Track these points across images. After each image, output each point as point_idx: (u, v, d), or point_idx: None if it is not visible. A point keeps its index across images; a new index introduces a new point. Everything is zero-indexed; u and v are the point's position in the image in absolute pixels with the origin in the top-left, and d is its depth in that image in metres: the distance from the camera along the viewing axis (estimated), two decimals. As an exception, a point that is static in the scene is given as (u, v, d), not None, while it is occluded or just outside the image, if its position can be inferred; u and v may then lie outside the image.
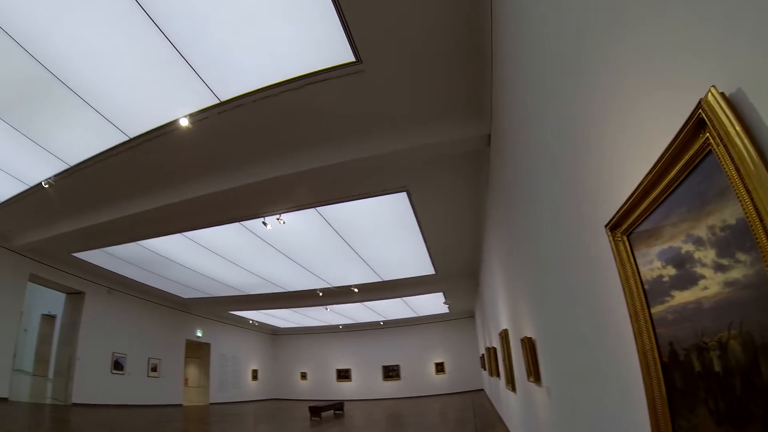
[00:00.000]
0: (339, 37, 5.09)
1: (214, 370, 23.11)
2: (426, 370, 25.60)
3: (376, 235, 11.44)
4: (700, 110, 0.99)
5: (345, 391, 26.19)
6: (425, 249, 12.29)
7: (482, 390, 22.36)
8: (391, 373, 26.24)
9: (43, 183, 9.18)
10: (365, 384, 26.41)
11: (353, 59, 5.39)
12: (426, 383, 25.19)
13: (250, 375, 26.06)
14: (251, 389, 25.97)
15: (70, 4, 5.06)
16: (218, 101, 6.37)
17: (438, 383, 24.96)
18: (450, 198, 9.25)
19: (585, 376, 2.61)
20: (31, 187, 9.68)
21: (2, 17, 5.38)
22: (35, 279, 14.96)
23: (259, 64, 5.68)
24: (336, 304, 18.43)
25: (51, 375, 18.23)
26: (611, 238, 1.68)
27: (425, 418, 15.11)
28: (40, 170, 8.93)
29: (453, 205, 9.58)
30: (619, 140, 1.62)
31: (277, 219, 9.75)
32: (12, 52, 5.89)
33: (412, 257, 13.13)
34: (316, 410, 16.21)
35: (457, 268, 14.42)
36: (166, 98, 6.49)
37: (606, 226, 1.72)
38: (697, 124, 1.02)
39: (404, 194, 9.02)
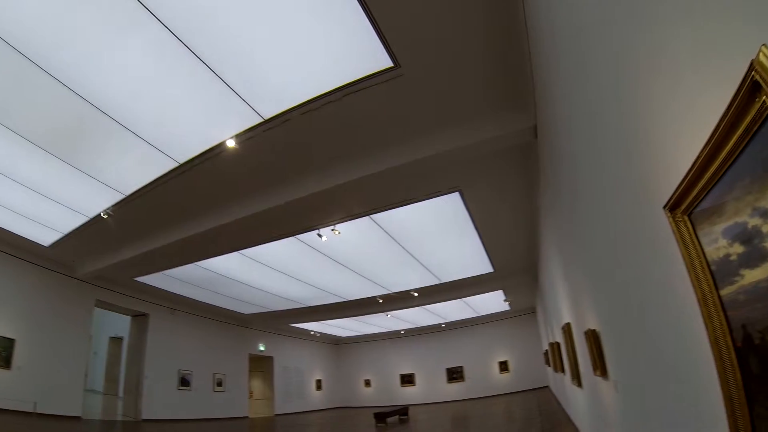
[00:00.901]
0: (374, 44, 5.13)
1: (278, 382, 23.75)
2: (490, 370, 25.26)
3: (432, 238, 11.39)
4: (753, 72, 0.93)
5: (409, 395, 26.22)
6: (482, 247, 12.14)
7: (547, 387, 22.03)
8: (454, 375, 26.05)
9: (102, 214, 9.74)
10: (429, 387, 26.35)
11: (391, 64, 5.42)
12: (490, 383, 24.86)
13: (314, 385, 26.57)
14: (316, 399, 26.46)
15: (108, 42, 5.37)
16: (262, 119, 6.53)
17: (502, 382, 24.57)
18: (503, 194, 9.14)
19: (653, 366, 2.52)
20: (91, 219, 10.29)
21: (47, 61, 5.78)
22: (101, 304, 15.94)
23: (298, 80, 5.80)
24: (396, 309, 18.51)
25: (121, 393, 19.60)
26: (671, 219, 1.61)
27: (490, 419, 15.07)
28: (98, 202, 9.49)
29: (506, 200, 9.46)
30: (671, 116, 1.55)
31: (332, 230, 9.87)
32: (59, 93, 6.32)
33: (469, 257, 13.01)
34: (381, 416, 16.38)
35: (515, 263, 14.18)
36: (211, 122, 6.74)
37: (664, 207, 1.64)
38: (752, 87, 0.96)
39: (457, 194, 8.96)
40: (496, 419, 14.87)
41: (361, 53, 5.32)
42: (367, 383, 28.36)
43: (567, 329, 7.31)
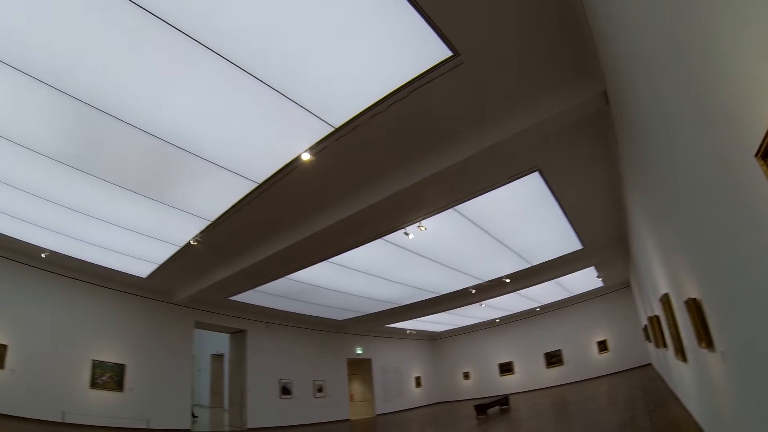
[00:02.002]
0: (430, 37, 5.07)
1: (377, 382, 24.21)
2: (589, 351, 24.26)
3: (517, 222, 11.20)
4: None
5: (509, 384, 25.86)
6: (568, 224, 11.74)
7: (650, 365, 21.05)
8: (553, 359, 25.31)
9: (191, 241, 10.28)
10: (528, 374, 25.86)
11: (450, 54, 5.34)
12: (590, 365, 23.94)
13: (413, 383, 26.78)
14: (416, 396, 26.69)
15: (172, 81, 5.70)
16: (333, 128, 6.57)
17: (602, 363, 23.54)
18: (582, 167, 8.83)
19: (763, 330, 2.35)
20: (182, 247, 10.91)
21: (120, 110, 6.25)
22: (200, 325, 17.14)
23: (361, 85, 5.81)
24: (490, 298, 18.26)
25: (226, 406, 21.05)
26: (764, 167, 1.56)
27: (593, 402, 14.75)
28: (187, 230, 10.06)
29: (586, 173, 9.14)
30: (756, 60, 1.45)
31: (418, 226, 9.89)
32: (136, 137, 6.81)
33: (556, 236, 12.65)
34: (481, 408, 16.54)
35: (604, 237, 13.60)
36: (283, 138, 6.89)
37: (756, 155, 1.59)
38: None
39: (536, 174, 8.73)
40: (599, 402, 14.55)
41: (418, 49, 5.27)
42: (466, 376, 28.20)
43: (665, 300, 7.02)
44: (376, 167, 7.72)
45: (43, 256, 12.84)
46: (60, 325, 13.74)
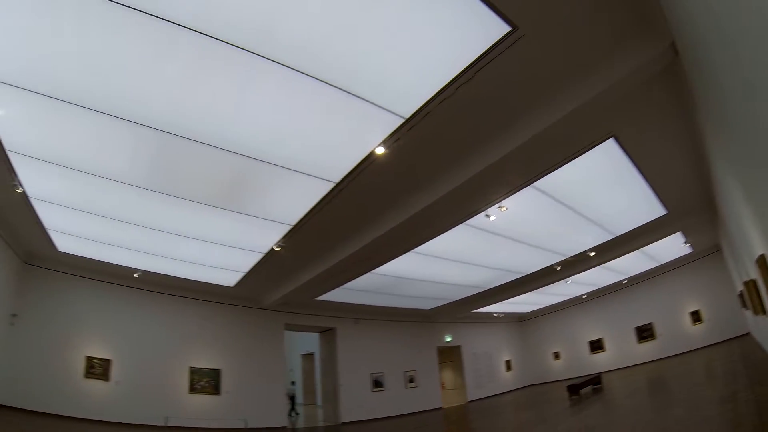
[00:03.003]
0: (486, 15, 4.92)
1: (468, 369, 24.07)
2: (681, 323, 22.69)
3: (597, 192, 10.78)
4: None
5: (600, 362, 24.89)
6: (650, 189, 11.08)
7: (748, 334, 19.52)
8: (644, 333, 23.97)
9: (274, 247, 10.58)
10: (620, 351, 24.70)
11: (508, 29, 5.15)
12: (683, 338, 22.40)
13: (503, 366, 26.44)
14: (507, 380, 26.33)
15: (240, 96, 5.92)
16: (403, 119, 6.50)
17: (697, 335, 21.95)
18: (658, 126, 8.30)
19: None
20: (266, 254, 11.29)
21: (194, 132, 6.60)
22: (290, 327, 17.87)
23: (425, 72, 5.74)
24: (575, 274, 17.72)
25: (319, 402, 21.90)
26: None
27: (690, 378, 14.14)
28: (269, 237, 10.37)
29: (664, 132, 8.57)
30: None
31: (499, 207, 9.71)
32: (214, 155, 7.15)
33: (638, 203, 12.03)
34: (574, 388, 16.36)
35: (689, 199, 12.72)
36: (355, 136, 6.93)
37: None
38: None
39: (612, 140, 8.32)
40: (696, 377, 13.94)
41: (476, 29, 5.12)
42: (556, 356, 27.41)
43: (761, 262, 6.52)
44: (451, 152, 7.61)
45: (136, 276, 13.81)
46: (157, 338, 14.84)
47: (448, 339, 23.53)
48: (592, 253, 15.37)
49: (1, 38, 5.20)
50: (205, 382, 15.30)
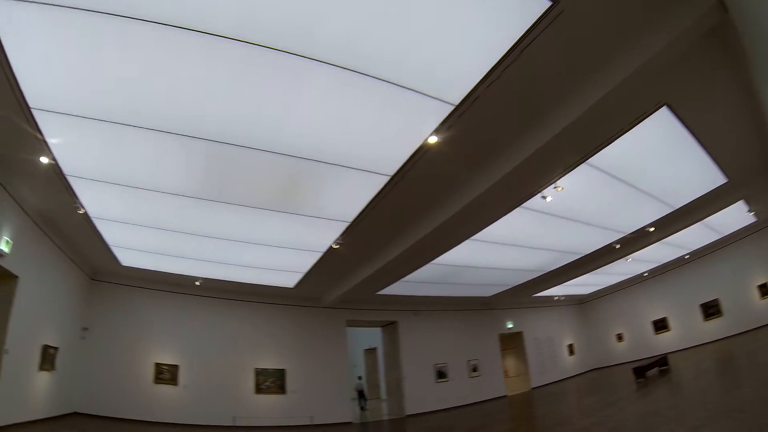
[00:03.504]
0: None
1: (531, 355, 23.62)
2: (749, 298, 21.12)
3: (653, 164, 10.38)
4: None
5: (665, 343, 23.67)
6: (708, 157, 10.52)
7: None
8: (710, 310, 22.58)
9: (333, 245, 10.74)
10: (685, 330, 23.37)
11: (549, 4, 5.02)
12: (752, 313, 20.78)
13: (566, 351, 25.76)
14: (570, 365, 25.63)
15: (289, 99, 6.04)
16: (453, 106, 6.45)
17: (767, 310, 20.65)
18: (711, 89, 7.84)
19: None
20: (324, 253, 11.48)
21: (246, 139, 6.81)
22: (352, 323, 18.17)
23: (471, 58, 5.68)
24: (635, 251, 17.13)
25: (383, 396, 22.04)
26: None
27: (762, 355, 13.40)
28: (327, 236, 10.57)
29: (718, 95, 8.08)
30: None
31: (554, 188, 9.51)
32: (264, 158, 7.34)
33: (697, 172, 11.47)
34: (640, 370, 15.99)
35: (749, 165, 11.97)
36: (407, 128, 6.91)
37: None
38: None
39: (665, 109, 7.97)
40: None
41: (516, 7, 5.03)
42: (619, 338, 26.37)
43: None
44: (503, 135, 7.49)
45: (197, 283, 14.39)
46: (221, 342, 15.44)
47: (510, 325, 23.21)
48: (652, 229, 14.85)
49: (49, 73, 5.58)
50: (271, 382, 15.80)
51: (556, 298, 25.17)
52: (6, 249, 8.44)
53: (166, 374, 14.37)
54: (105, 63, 5.37)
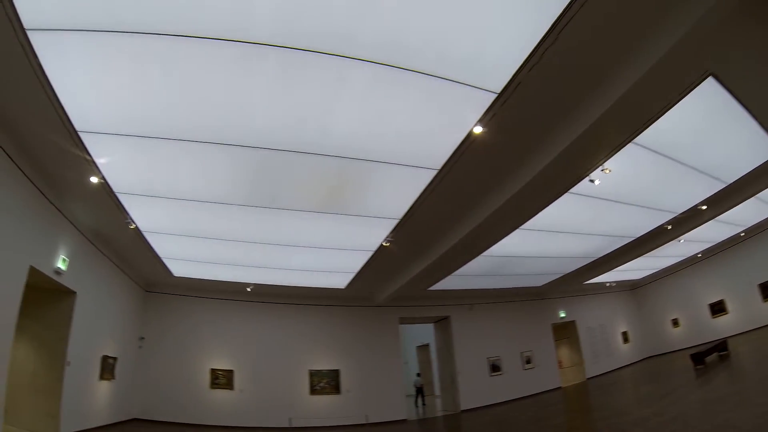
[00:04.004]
0: None
1: (585, 344, 22.97)
2: None
3: (701, 138, 9.98)
4: None
5: (723, 326, 22.54)
6: (759, 127, 10.03)
7: None
8: None
9: (383, 243, 10.83)
10: (744, 312, 22.03)
11: None
12: None
13: (620, 339, 24.96)
14: (625, 353, 24.77)
15: (330, 100, 6.14)
16: (496, 94, 6.39)
17: None
18: (759, 55, 7.43)
19: None
20: (375, 251, 11.57)
21: (290, 142, 6.95)
22: (404, 320, 18.28)
23: (509, 44, 5.62)
24: (687, 232, 16.48)
25: (437, 392, 21.89)
26: None
27: None
28: (377, 234, 10.66)
29: (765, 60, 7.64)
30: None
31: (602, 170, 9.29)
32: (311, 161, 7.49)
33: (748, 144, 10.90)
34: (698, 357, 15.54)
35: None
36: (450, 120, 6.91)
37: None
38: None
39: (711, 79, 7.63)
40: None
41: None
42: (675, 323, 25.20)
43: None
44: (548, 119, 7.36)
45: (249, 289, 14.82)
46: (275, 345, 15.87)
47: (562, 315, 22.70)
48: (704, 207, 14.30)
49: (92, 95, 5.87)
50: (325, 382, 16.09)
51: (608, 285, 24.34)
52: (63, 267, 8.97)
53: (222, 379, 14.93)
54: (146, 80, 5.59)
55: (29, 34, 4.90)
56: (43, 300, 9.30)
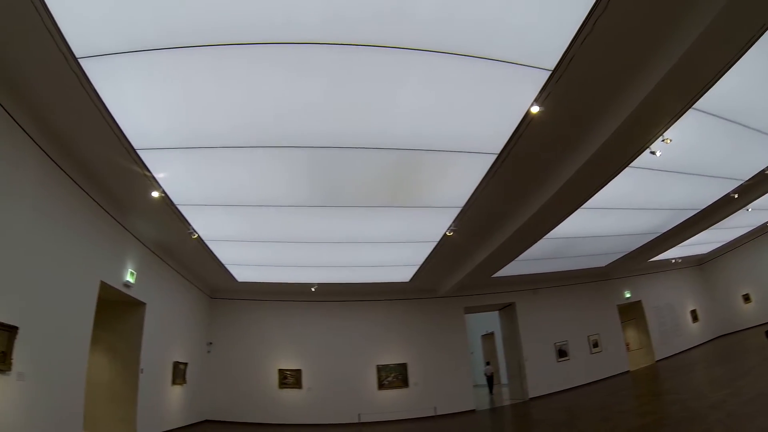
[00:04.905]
0: None
1: (652, 325, 21.84)
2: None
3: (764, 97, 9.22)
4: None
5: None
6: None
7: None
8: None
9: (447, 233, 10.84)
10: None
11: None
12: None
13: (689, 318, 23.56)
14: (694, 333, 23.34)
15: (387, 95, 6.18)
16: (550, 71, 6.27)
17: None
18: None
19: None
20: (439, 242, 11.57)
21: (351, 139, 7.01)
22: (469, 310, 18.24)
23: (559, 17, 5.47)
24: (755, 199, 15.46)
25: (504, 380, 21.55)
26: None
27: None
28: (440, 224, 10.64)
29: None
30: None
31: (663, 140, 8.93)
32: (373, 156, 7.55)
33: None
34: None
35: None
36: (506, 102, 6.80)
37: None
38: None
39: None
40: None
41: None
42: (746, 298, 23.46)
43: None
44: (604, 92, 7.10)
45: (313, 289, 15.12)
46: (341, 343, 16.11)
47: (628, 295, 21.65)
48: (776, 171, 13.50)
49: (148, 113, 6.09)
50: (393, 377, 16.24)
51: (673, 261, 22.97)
52: (132, 280, 9.51)
53: (290, 379, 15.39)
54: (199, 92, 5.76)
55: (81, 62, 5.12)
56: (115, 312, 9.82)
